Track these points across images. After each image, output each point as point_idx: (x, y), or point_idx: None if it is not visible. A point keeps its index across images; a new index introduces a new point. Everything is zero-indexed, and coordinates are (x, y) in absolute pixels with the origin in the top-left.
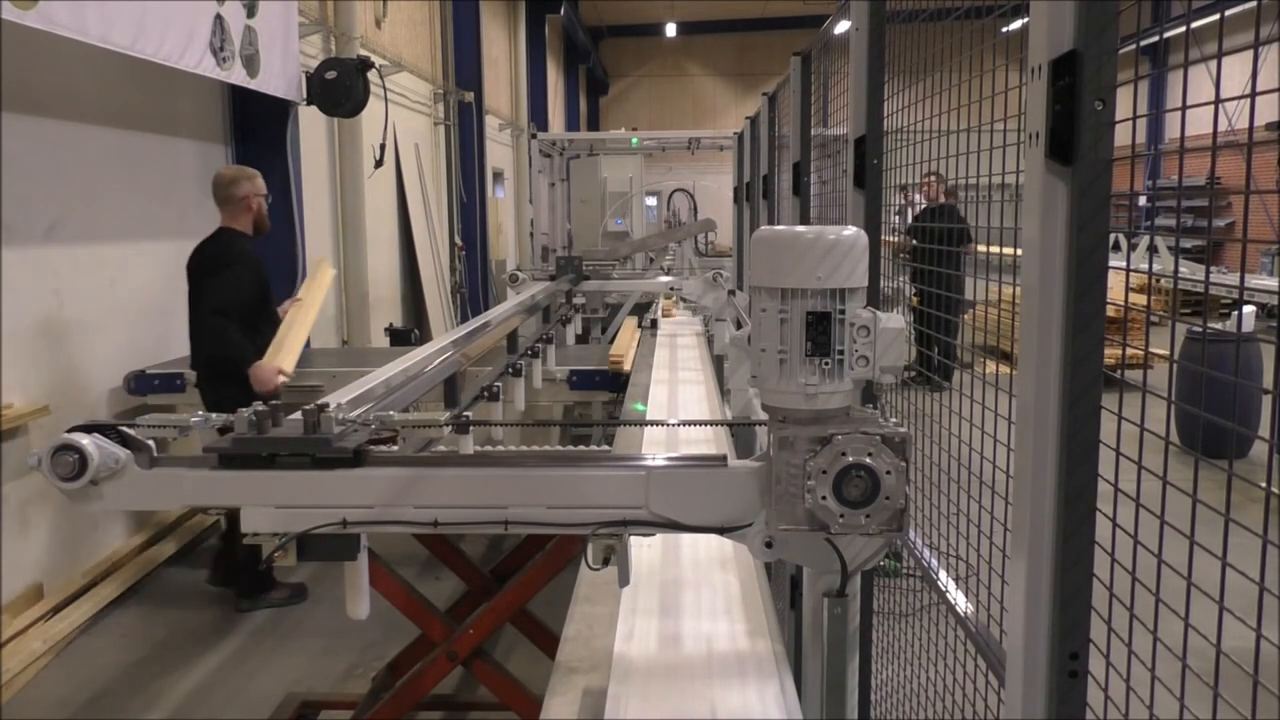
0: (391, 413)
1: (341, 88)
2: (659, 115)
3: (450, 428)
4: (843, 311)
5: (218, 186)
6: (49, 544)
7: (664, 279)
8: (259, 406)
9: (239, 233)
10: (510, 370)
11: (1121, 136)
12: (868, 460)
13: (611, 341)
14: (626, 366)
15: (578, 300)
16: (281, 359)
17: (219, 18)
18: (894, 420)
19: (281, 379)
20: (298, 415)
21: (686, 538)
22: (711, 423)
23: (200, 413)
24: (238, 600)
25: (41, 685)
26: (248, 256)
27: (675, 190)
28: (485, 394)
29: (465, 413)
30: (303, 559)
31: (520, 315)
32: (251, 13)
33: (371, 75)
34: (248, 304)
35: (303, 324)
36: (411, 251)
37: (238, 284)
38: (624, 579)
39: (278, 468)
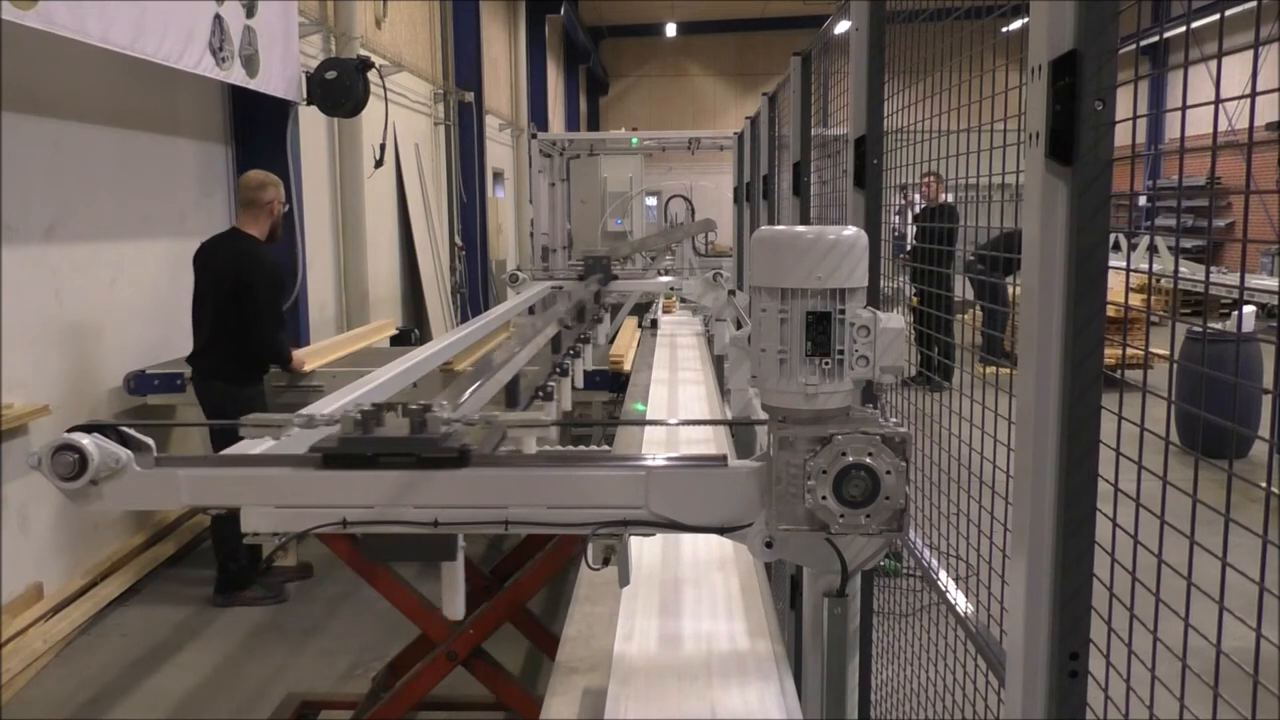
0: (497, 413)
1: (341, 88)
2: (659, 115)
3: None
4: (843, 311)
5: (245, 188)
6: (49, 544)
7: (664, 279)
8: (365, 406)
9: (257, 239)
10: (557, 370)
11: (1121, 136)
12: (868, 460)
13: (611, 341)
14: (626, 366)
15: (609, 300)
16: (311, 356)
17: (218, 18)
18: (894, 420)
19: (304, 366)
20: (400, 415)
21: (686, 538)
22: (711, 422)
23: (302, 413)
24: (212, 596)
25: (41, 685)
26: (278, 266)
27: (672, 197)
28: (540, 394)
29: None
30: (394, 559)
31: (552, 319)
32: (251, 13)
33: (371, 75)
34: (280, 306)
35: (331, 352)
36: (411, 251)
37: (279, 297)
38: (624, 579)
39: (381, 468)
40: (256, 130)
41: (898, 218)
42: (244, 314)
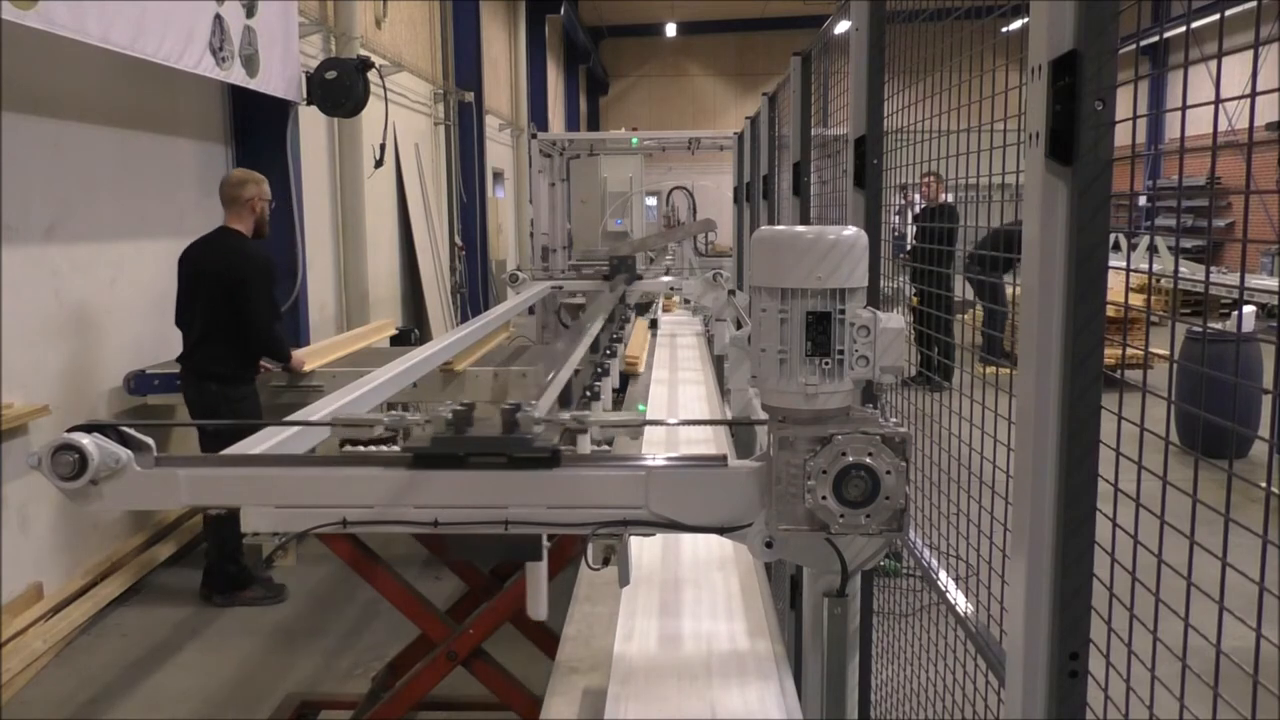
0: (587, 413)
1: (341, 88)
2: (659, 115)
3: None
4: (843, 311)
5: (225, 186)
6: (49, 544)
7: (664, 279)
8: (456, 405)
9: (245, 235)
10: (599, 370)
11: (1121, 136)
12: (868, 460)
13: None
14: (641, 369)
15: (631, 300)
16: (311, 356)
17: (218, 18)
18: (894, 420)
19: (305, 366)
20: (493, 415)
21: (686, 538)
22: (711, 422)
23: (393, 412)
24: (211, 596)
25: (41, 685)
26: (270, 260)
27: (674, 188)
28: (588, 393)
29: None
30: (479, 558)
31: (596, 317)
32: (251, 12)
33: (371, 75)
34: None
35: (331, 352)
36: (411, 251)
37: (273, 292)
38: (624, 579)
39: (471, 468)
40: (256, 130)
41: (898, 218)
42: (239, 310)
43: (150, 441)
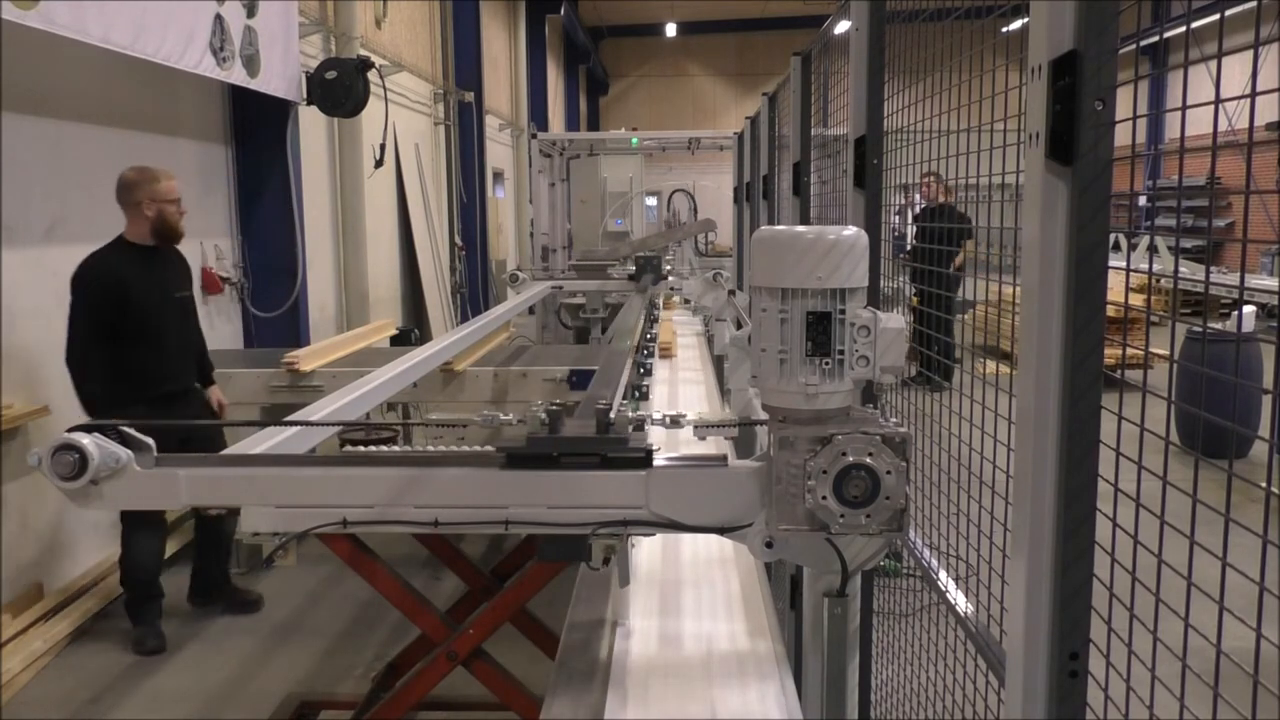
0: (685, 413)
1: (341, 88)
2: (659, 115)
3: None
4: (843, 311)
5: (116, 190)
6: (49, 544)
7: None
8: (551, 405)
9: (114, 243)
10: (642, 370)
11: (1121, 136)
12: (868, 460)
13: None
14: (675, 352)
15: (610, 300)
16: (311, 356)
17: (219, 18)
18: (894, 420)
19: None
20: (585, 416)
21: (686, 537)
22: (748, 423)
23: (485, 411)
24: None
25: (41, 685)
26: (102, 270)
27: (675, 191)
28: (636, 393)
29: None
30: (571, 559)
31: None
32: (251, 13)
33: (371, 75)
34: (104, 325)
35: (331, 352)
36: (411, 251)
37: (92, 310)
38: (624, 579)
39: (564, 468)
40: (256, 130)
41: (898, 218)
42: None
43: (150, 441)
